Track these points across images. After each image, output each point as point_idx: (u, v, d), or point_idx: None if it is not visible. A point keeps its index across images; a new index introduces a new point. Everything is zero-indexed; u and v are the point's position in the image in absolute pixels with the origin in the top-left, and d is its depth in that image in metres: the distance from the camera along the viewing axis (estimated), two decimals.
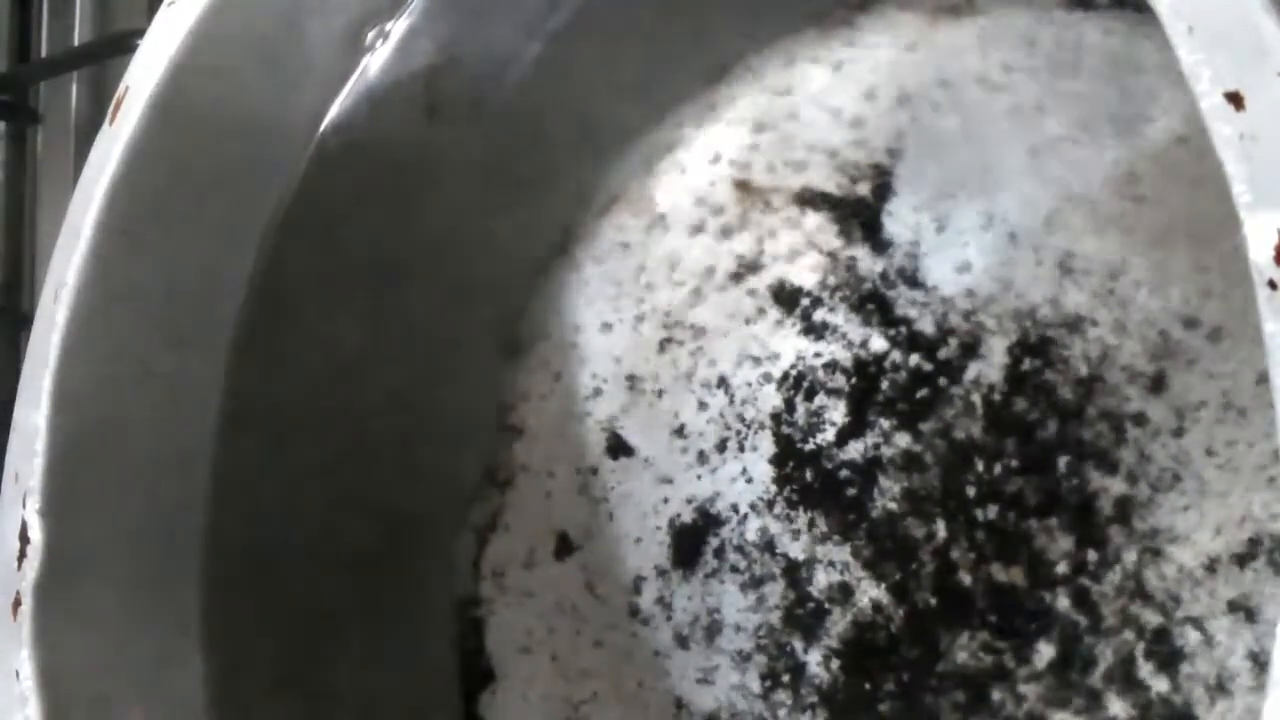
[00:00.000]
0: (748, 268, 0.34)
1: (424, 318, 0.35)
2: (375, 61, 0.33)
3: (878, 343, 0.32)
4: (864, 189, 0.33)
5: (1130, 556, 0.28)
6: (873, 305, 0.32)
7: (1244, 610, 0.27)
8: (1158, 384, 0.29)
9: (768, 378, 0.33)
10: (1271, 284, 0.17)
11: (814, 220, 0.33)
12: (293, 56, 0.32)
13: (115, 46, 0.45)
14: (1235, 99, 0.17)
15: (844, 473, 0.32)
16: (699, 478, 0.34)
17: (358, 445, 0.34)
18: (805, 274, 0.33)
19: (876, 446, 0.32)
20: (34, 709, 0.27)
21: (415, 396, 0.35)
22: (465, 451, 0.36)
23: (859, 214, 0.33)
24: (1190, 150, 0.29)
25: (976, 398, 0.31)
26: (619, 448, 0.35)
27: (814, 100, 0.33)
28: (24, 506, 0.29)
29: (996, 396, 0.30)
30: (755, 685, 0.32)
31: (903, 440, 0.31)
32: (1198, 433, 0.28)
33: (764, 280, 0.34)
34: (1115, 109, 0.29)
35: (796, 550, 0.32)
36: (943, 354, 0.31)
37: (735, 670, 0.33)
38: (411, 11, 0.33)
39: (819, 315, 0.33)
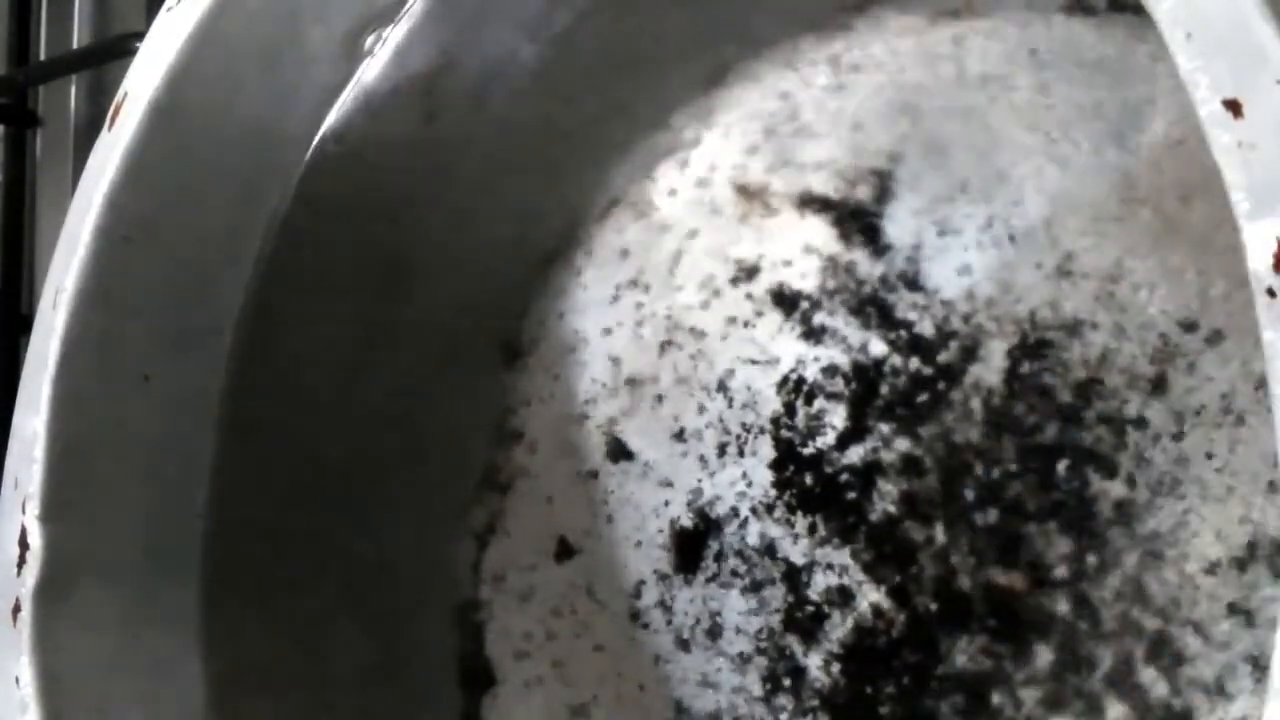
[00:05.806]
0: (747, 271, 0.34)
1: (424, 322, 0.35)
2: (374, 66, 0.33)
3: (877, 346, 0.32)
4: (864, 193, 0.33)
5: (1130, 560, 0.28)
6: (872, 309, 0.32)
7: (1244, 613, 0.27)
8: (1157, 387, 0.29)
9: (768, 381, 0.33)
10: (1270, 292, 0.17)
11: (813, 224, 0.33)
12: (292, 61, 0.32)
13: (114, 50, 0.45)
14: (1234, 106, 0.17)
15: (844, 477, 0.32)
16: (699, 481, 0.34)
17: (357, 448, 0.34)
18: (805, 278, 0.33)
19: (876, 450, 0.32)
20: (34, 715, 0.27)
21: (415, 400, 0.35)
22: (465, 455, 0.36)
23: (859, 218, 0.33)
24: (1188, 154, 0.29)
25: (976, 401, 0.31)
26: (619, 451, 0.35)
27: (813, 104, 0.33)
28: (23, 512, 0.29)
29: (996, 400, 0.30)
30: (756, 688, 0.32)
31: (902, 444, 0.31)
32: (1197, 436, 0.28)
33: (763, 284, 0.34)
34: (1114, 113, 0.29)
35: (796, 554, 0.32)
36: (942, 358, 0.31)
37: (736, 673, 0.33)
38: (411, 16, 0.33)
39: (818, 319, 0.33)
